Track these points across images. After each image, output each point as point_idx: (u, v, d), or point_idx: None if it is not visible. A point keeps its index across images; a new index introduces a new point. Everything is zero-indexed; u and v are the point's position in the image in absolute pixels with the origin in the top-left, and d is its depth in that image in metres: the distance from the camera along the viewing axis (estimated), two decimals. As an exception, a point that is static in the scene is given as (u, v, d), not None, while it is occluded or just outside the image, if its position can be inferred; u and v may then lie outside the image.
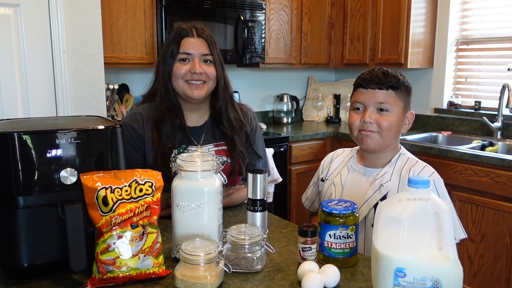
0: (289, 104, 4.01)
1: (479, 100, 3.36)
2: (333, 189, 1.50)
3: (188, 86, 1.52)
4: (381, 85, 1.36)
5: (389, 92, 1.37)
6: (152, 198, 1.06)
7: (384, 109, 1.37)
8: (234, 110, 1.62)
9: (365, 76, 1.40)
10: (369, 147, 1.41)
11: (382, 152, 1.44)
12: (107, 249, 1.01)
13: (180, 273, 1.00)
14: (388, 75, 1.38)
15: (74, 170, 1.03)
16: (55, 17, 2.18)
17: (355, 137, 1.44)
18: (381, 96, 1.37)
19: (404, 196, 0.90)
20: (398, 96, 1.38)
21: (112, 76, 3.13)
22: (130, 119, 1.57)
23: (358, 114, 1.41)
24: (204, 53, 1.53)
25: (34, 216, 1.01)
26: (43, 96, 2.21)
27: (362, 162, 1.49)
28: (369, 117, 1.37)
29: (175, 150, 1.54)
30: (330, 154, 1.63)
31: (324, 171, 1.59)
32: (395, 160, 1.44)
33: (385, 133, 1.38)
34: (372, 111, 1.38)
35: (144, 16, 2.90)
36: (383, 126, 1.37)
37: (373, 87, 1.37)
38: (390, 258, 0.88)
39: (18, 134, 0.99)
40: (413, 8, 3.34)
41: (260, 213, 1.21)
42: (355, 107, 1.42)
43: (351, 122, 1.42)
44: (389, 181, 1.39)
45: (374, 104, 1.38)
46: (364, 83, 1.39)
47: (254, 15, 3.32)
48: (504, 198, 2.54)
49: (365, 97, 1.38)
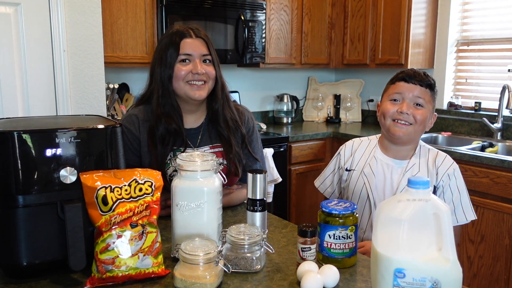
0: (289, 104, 4.01)
1: (479, 101, 3.35)
2: (365, 180, 1.58)
3: (190, 87, 1.51)
4: (422, 82, 1.51)
5: (426, 90, 1.52)
6: (151, 198, 1.06)
7: (420, 104, 1.51)
8: (230, 110, 1.61)
9: (408, 72, 1.54)
10: (400, 137, 1.52)
11: (407, 145, 1.56)
12: (106, 248, 1.01)
13: (179, 272, 1.00)
14: (428, 76, 1.54)
15: (73, 169, 1.03)
16: (56, 16, 2.18)
17: (386, 126, 1.54)
18: (420, 92, 1.51)
19: (404, 196, 0.90)
20: (432, 96, 1.54)
21: (112, 75, 3.13)
22: (126, 121, 1.56)
23: (394, 105, 1.53)
24: (203, 53, 1.53)
25: (34, 215, 1.01)
26: (43, 95, 2.21)
27: (386, 153, 1.59)
28: (407, 108, 1.50)
29: (171, 153, 1.53)
30: (349, 143, 1.70)
31: (347, 161, 1.66)
32: (418, 151, 1.58)
33: (418, 126, 1.51)
34: (409, 103, 1.51)
35: (145, 16, 2.90)
36: (418, 119, 1.50)
37: (414, 82, 1.51)
38: (389, 259, 0.88)
39: (18, 133, 0.99)
40: (414, 8, 3.34)
41: (260, 213, 1.21)
42: (393, 98, 1.54)
43: (386, 110, 1.54)
44: (419, 172, 1.53)
45: (412, 98, 1.51)
46: (407, 77, 1.52)
47: (255, 15, 3.32)
48: (504, 199, 2.54)
49: (405, 90, 1.51)
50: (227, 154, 1.56)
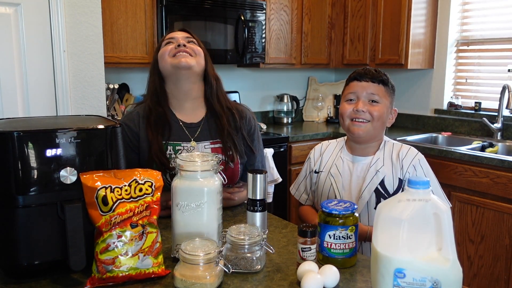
0: (289, 104, 4.01)
1: (479, 101, 3.35)
2: (332, 180, 1.57)
3: (175, 58, 1.53)
4: (374, 79, 1.52)
5: (380, 86, 1.53)
6: (151, 198, 1.06)
7: (375, 101, 1.52)
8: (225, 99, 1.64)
9: (359, 71, 1.55)
10: (360, 136, 1.53)
11: (369, 143, 1.56)
12: (106, 248, 1.01)
13: (179, 273, 1.00)
14: (380, 72, 1.55)
15: (73, 170, 1.03)
16: (56, 16, 2.18)
17: (346, 126, 1.56)
18: (373, 88, 1.52)
19: (404, 196, 0.90)
20: (387, 91, 1.54)
21: (112, 76, 3.13)
22: (126, 118, 1.60)
23: (350, 104, 1.54)
24: (187, 37, 1.59)
25: (34, 215, 1.01)
26: (43, 95, 2.21)
27: (352, 152, 1.60)
28: (362, 106, 1.51)
29: (170, 147, 1.54)
30: (317, 147, 1.71)
31: (316, 163, 1.66)
32: (382, 146, 1.58)
33: (375, 122, 1.51)
34: (364, 101, 1.52)
35: (145, 16, 2.90)
36: (374, 115, 1.50)
37: (366, 80, 1.52)
38: (389, 259, 0.88)
39: (18, 134, 0.99)
40: (414, 8, 3.34)
41: (260, 213, 1.21)
42: (348, 98, 1.55)
43: (343, 111, 1.55)
44: (383, 166, 1.53)
45: (366, 95, 1.52)
46: (358, 76, 1.54)
47: (255, 15, 3.32)
48: (503, 199, 2.54)
49: (358, 88, 1.53)
50: (229, 149, 1.57)
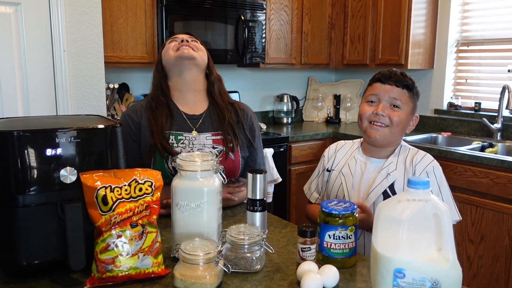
0: (289, 104, 4.01)
1: (479, 101, 3.35)
2: (343, 179, 1.55)
3: (179, 50, 1.58)
4: (399, 82, 1.46)
5: (404, 91, 1.47)
6: (151, 198, 1.06)
7: (397, 106, 1.46)
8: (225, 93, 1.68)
9: (384, 73, 1.49)
10: (376, 140, 1.48)
11: (386, 147, 1.52)
12: (106, 248, 1.01)
13: (179, 272, 1.00)
14: (406, 76, 1.48)
15: (73, 169, 1.03)
16: (56, 16, 2.18)
17: (363, 128, 1.51)
18: (396, 93, 1.46)
19: (404, 197, 0.90)
20: (410, 97, 1.48)
21: (113, 75, 3.13)
22: (130, 110, 1.66)
23: (370, 106, 1.49)
24: (191, 37, 1.64)
25: (33, 215, 1.01)
26: (43, 95, 2.21)
27: (366, 154, 1.56)
28: (382, 109, 1.45)
29: (172, 136, 1.56)
30: (333, 145, 1.68)
31: (329, 161, 1.63)
32: (397, 151, 1.52)
33: (394, 128, 1.46)
34: (385, 105, 1.46)
35: (145, 16, 2.90)
36: (394, 121, 1.45)
37: (390, 83, 1.46)
38: (389, 259, 0.88)
39: (18, 133, 0.99)
40: (414, 9, 3.34)
41: (260, 213, 1.21)
42: (369, 99, 1.50)
43: (363, 112, 1.50)
44: (395, 170, 1.48)
45: (388, 99, 1.46)
46: (383, 78, 1.48)
47: (255, 15, 3.32)
48: (503, 199, 2.54)
49: (381, 91, 1.47)
50: (230, 142, 1.59)
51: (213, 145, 1.58)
